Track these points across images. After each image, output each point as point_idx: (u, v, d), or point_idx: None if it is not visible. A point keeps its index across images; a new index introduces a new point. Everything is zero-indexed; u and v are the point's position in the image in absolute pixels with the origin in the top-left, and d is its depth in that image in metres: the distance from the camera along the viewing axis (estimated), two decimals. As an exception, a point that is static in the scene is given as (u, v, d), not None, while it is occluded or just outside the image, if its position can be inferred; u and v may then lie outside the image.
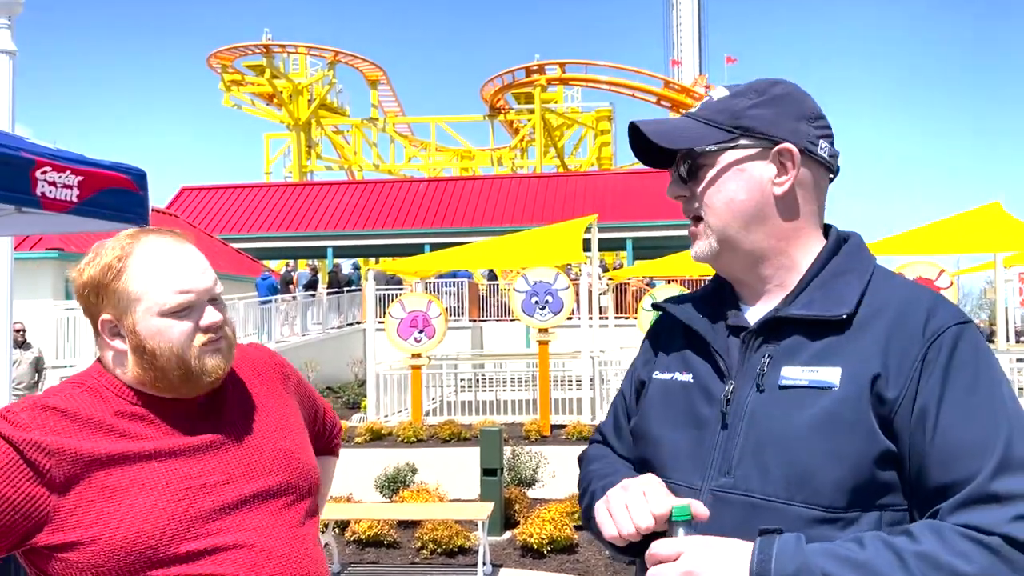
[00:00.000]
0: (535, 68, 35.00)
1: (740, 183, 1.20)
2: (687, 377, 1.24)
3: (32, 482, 1.23)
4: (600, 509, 1.17)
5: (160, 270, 1.34)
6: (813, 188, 1.22)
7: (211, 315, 1.37)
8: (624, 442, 1.37)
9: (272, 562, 1.34)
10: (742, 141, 1.20)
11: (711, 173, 1.21)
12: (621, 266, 24.13)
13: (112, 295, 1.34)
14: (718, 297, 1.30)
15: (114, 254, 1.35)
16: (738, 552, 1.03)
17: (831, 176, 1.25)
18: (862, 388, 1.07)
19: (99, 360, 1.42)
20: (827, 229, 1.26)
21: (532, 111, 35.86)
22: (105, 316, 1.35)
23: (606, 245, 24.22)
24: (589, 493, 1.30)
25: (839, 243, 1.23)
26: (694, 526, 1.07)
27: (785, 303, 1.19)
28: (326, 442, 1.74)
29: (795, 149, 1.18)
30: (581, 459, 1.43)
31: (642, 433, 1.29)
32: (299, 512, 1.43)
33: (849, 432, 1.06)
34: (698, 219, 1.24)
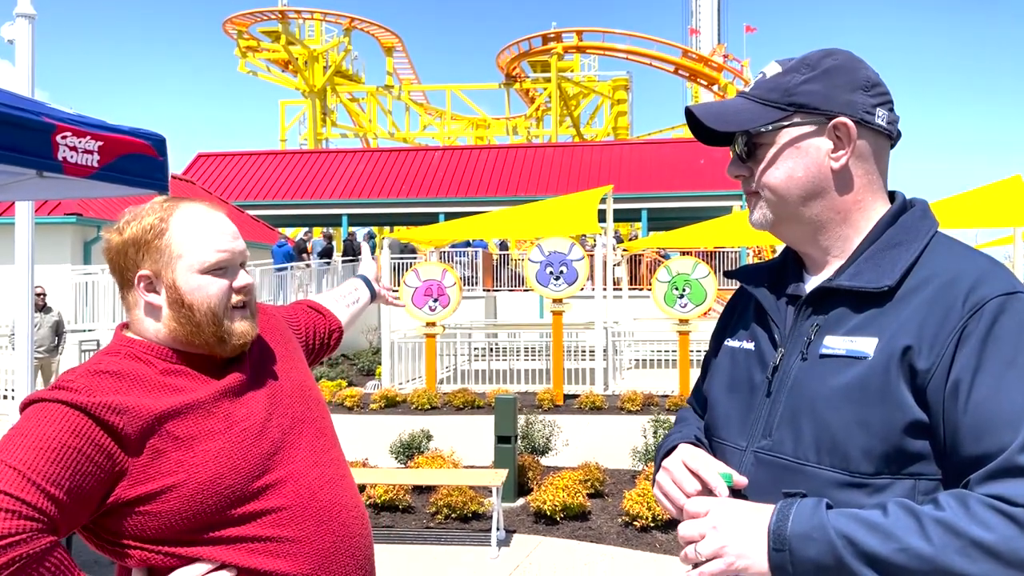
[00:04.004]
0: (552, 36, 34.62)
1: (797, 161, 1.20)
2: (750, 345, 1.29)
3: (109, 440, 1.29)
4: (657, 494, 1.29)
5: (201, 230, 1.44)
6: (872, 157, 1.21)
7: (244, 277, 1.48)
8: (702, 404, 1.44)
9: (324, 488, 1.46)
10: (796, 118, 1.20)
11: (768, 153, 1.22)
12: (636, 237, 24.04)
13: (154, 251, 1.42)
14: (784, 267, 1.31)
15: (156, 214, 1.44)
16: (760, 512, 1.10)
17: (892, 142, 1.24)
18: (892, 359, 1.08)
19: (123, 328, 1.49)
20: (894, 196, 1.25)
21: (548, 79, 35.54)
22: (143, 272, 1.43)
23: (621, 216, 24.09)
24: (656, 465, 1.37)
25: (900, 212, 1.22)
26: (733, 492, 1.18)
27: (837, 274, 1.20)
28: (332, 344, 1.97)
29: (850, 123, 1.18)
30: (676, 420, 1.52)
31: (707, 396, 1.38)
32: (326, 438, 1.55)
33: (877, 401, 1.08)
34: (756, 193, 1.25)
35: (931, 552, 0.97)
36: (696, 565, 1.10)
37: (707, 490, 1.19)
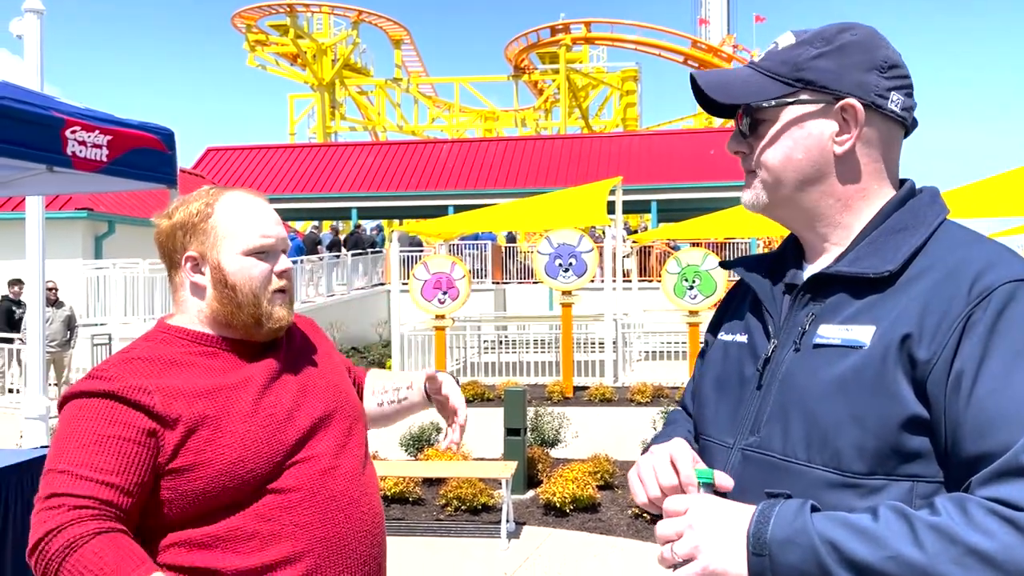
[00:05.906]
0: (560, 27, 34.50)
1: (798, 141, 1.12)
2: (743, 338, 1.21)
3: (144, 418, 1.36)
4: (631, 476, 1.18)
5: (246, 214, 1.51)
6: (880, 145, 1.12)
7: (285, 262, 1.55)
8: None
9: (336, 482, 1.48)
10: (802, 95, 1.11)
11: (771, 129, 1.14)
12: (645, 228, 23.97)
13: (201, 233, 1.50)
14: (783, 257, 1.24)
15: (203, 200, 1.52)
16: (741, 513, 1.01)
17: (906, 130, 1.15)
18: (889, 347, 1.00)
19: (166, 319, 1.57)
20: (904, 183, 1.17)
21: (557, 71, 35.45)
22: (191, 252, 1.50)
23: (630, 207, 24.03)
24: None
25: (907, 198, 1.13)
26: (717, 492, 1.09)
27: (836, 260, 1.12)
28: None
29: (859, 105, 1.09)
30: (664, 423, 1.43)
31: (696, 392, 1.30)
32: (353, 436, 1.58)
33: (872, 393, 1.00)
34: (754, 172, 1.18)
35: (923, 561, 0.89)
36: (674, 567, 1.02)
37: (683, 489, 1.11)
